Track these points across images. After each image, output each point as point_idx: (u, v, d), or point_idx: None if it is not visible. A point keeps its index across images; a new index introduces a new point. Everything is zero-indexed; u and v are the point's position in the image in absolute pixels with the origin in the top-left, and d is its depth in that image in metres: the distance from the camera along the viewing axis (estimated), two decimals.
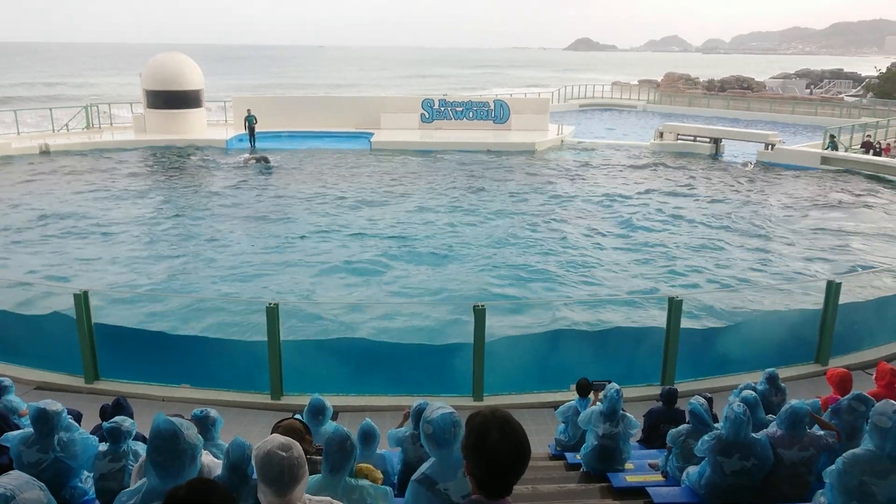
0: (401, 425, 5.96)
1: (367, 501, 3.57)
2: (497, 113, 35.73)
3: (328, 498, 3.07)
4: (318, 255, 16.91)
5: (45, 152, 28.37)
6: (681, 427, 5.91)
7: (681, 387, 8.46)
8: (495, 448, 2.24)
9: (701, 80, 64.49)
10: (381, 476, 4.12)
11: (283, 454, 2.82)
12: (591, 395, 7.26)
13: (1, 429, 5.69)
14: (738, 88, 60.62)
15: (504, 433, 2.25)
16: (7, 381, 6.67)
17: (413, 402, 5.72)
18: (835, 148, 30.12)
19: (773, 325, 11.55)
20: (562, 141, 34.00)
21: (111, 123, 34.53)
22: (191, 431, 3.06)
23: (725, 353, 10.33)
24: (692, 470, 5.45)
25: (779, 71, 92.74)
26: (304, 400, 8.88)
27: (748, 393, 5.73)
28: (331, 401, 6.01)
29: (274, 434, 2.91)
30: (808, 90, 65.77)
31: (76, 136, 31.75)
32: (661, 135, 33.61)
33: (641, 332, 11.17)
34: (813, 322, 10.54)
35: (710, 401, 5.97)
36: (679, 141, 33.03)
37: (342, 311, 13.14)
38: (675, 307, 9.55)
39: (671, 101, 56.59)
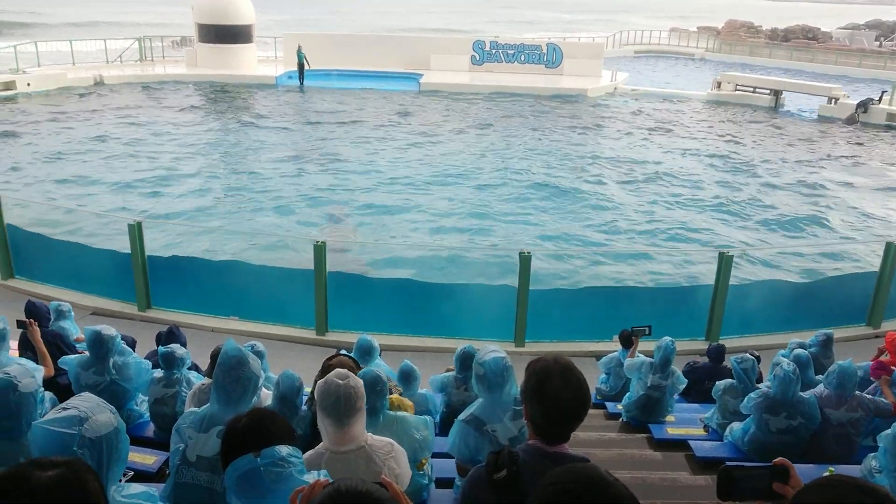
0: None
1: (409, 432, 3.60)
2: (549, 57, 34.85)
3: (389, 439, 3.11)
4: (363, 196, 16.97)
5: (100, 83, 28.75)
6: (723, 381, 5.86)
7: (727, 342, 8.35)
8: (556, 394, 2.23)
9: (764, 29, 61.76)
10: (411, 404, 4.19)
11: (340, 382, 2.88)
12: (633, 341, 7.23)
13: (59, 349, 5.91)
14: (803, 38, 57.91)
15: (565, 379, 2.24)
16: (66, 307, 6.90)
17: (455, 344, 5.76)
18: None
19: (826, 284, 11.29)
20: (615, 88, 33.14)
21: (164, 56, 34.72)
22: (256, 362, 3.14)
23: (775, 311, 10.14)
24: (736, 426, 5.41)
25: (847, 21, 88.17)
26: (347, 337, 9.10)
27: (801, 352, 5.64)
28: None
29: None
30: (878, 42, 62.49)
31: (129, 68, 32.06)
32: (719, 85, 32.44)
33: (689, 285, 11.01)
34: (867, 283, 10.27)
35: (757, 359, 5.87)
36: (737, 91, 31.87)
37: (386, 253, 13.23)
38: (725, 262, 9.38)
39: (731, 49, 54.38)
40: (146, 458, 4.77)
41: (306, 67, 30.72)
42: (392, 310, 9.89)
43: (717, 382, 5.91)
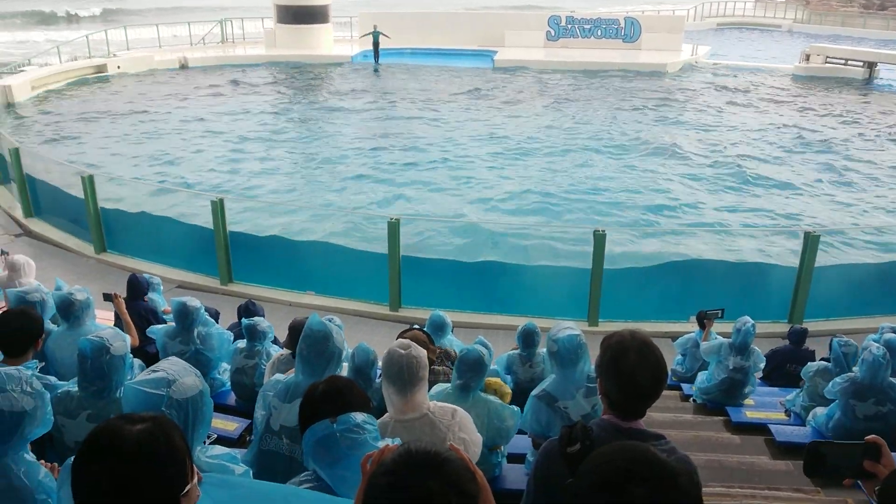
0: None
1: (493, 418, 3.64)
2: (627, 31, 33.88)
3: (453, 406, 3.16)
4: (438, 172, 17.03)
5: (184, 66, 29.69)
6: (815, 364, 5.66)
7: (811, 326, 8.04)
8: (632, 370, 2.19)
9: None
10: (509, 392, 4.16)
11: (402, 352, 2.97)
12: (706, 324, 7.04)
13: (148, 321, 6.19)
14: None
15: (642, 355, 2.20)
16: (156, 280, 7.25)
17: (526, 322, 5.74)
18: None
19: None
20: (695, 62, 32.04)
21: (244, 38, 35.51)
22: (339, 336, 3.24)
23: (861, 294, 9.68)
24: (820, 411, 5.22)
25: None
26: (420, 313, 9.19)
27: (892, 336, 5.37)
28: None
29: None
30: None
31: (212, 50, 32.94)
32: (808, 57, 30.86)
33: (771, 266, 10.62)
34: None
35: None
36: (828, 64, 30.26)
37: (458, 230, 13.26)
38: (811, 242, 9.00)
39: (821, 20, 51.68)
40: (228, 425, 4.97)
41: (385, 39, 30.75)
42: (464, 287, 9.93)
43: (808, 364, 5.72)
